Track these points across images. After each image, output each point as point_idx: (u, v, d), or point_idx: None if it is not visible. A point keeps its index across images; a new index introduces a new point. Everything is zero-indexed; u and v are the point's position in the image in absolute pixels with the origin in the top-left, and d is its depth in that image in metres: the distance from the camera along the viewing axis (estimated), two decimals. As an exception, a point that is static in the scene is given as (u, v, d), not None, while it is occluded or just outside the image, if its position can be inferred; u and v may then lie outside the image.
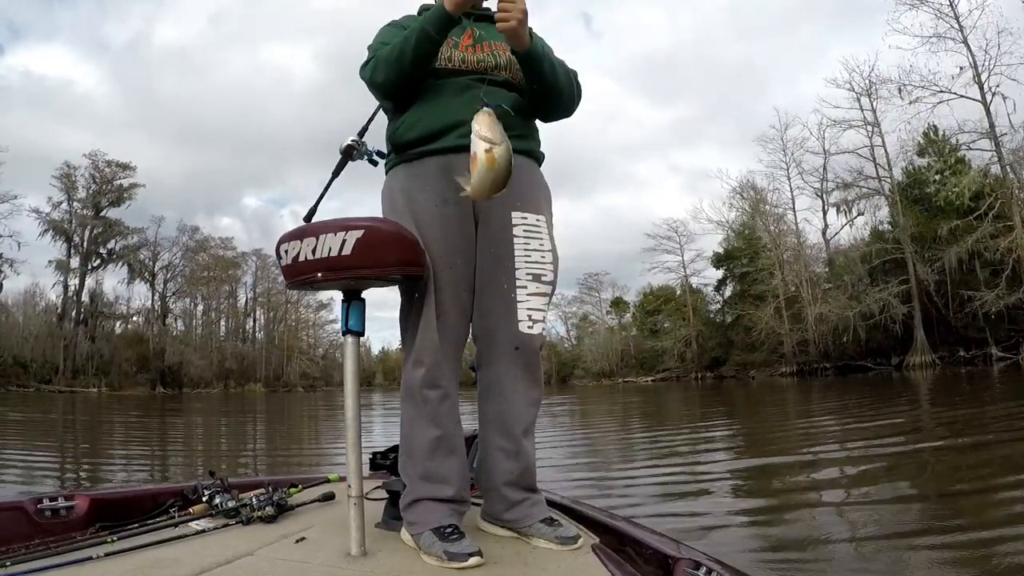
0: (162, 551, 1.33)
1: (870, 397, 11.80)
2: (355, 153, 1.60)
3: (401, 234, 1.34)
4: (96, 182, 41.44)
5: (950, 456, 4.44)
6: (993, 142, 25.38)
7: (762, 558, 2.34)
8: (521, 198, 1.48)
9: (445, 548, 1.25)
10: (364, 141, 1.61)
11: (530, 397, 1.48)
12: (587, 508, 1.71)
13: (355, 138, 1.61)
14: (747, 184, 37.26)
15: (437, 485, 1.39)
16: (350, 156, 1.61)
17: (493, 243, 1.47)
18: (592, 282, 50.95)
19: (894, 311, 27.65)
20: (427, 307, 1.40)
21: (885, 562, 2.18)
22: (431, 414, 1.40)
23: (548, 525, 1.40)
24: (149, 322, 44.43)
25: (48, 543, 1.35)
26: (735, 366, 36.34)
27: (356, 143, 1.60)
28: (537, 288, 1.47)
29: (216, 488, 1.68)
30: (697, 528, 2.76)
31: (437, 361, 1.40)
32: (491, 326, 1.46)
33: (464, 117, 1.42)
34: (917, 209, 28.75)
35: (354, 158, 1.61)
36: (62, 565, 1.22)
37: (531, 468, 1.48)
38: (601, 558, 1.27)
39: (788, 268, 34.46)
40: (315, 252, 1.28)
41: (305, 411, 15.91)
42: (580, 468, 4.83)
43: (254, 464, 5.75)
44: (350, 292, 1.38)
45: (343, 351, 1.37)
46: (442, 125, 1.45)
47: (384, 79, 1.45)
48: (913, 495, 3.30)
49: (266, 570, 1.22)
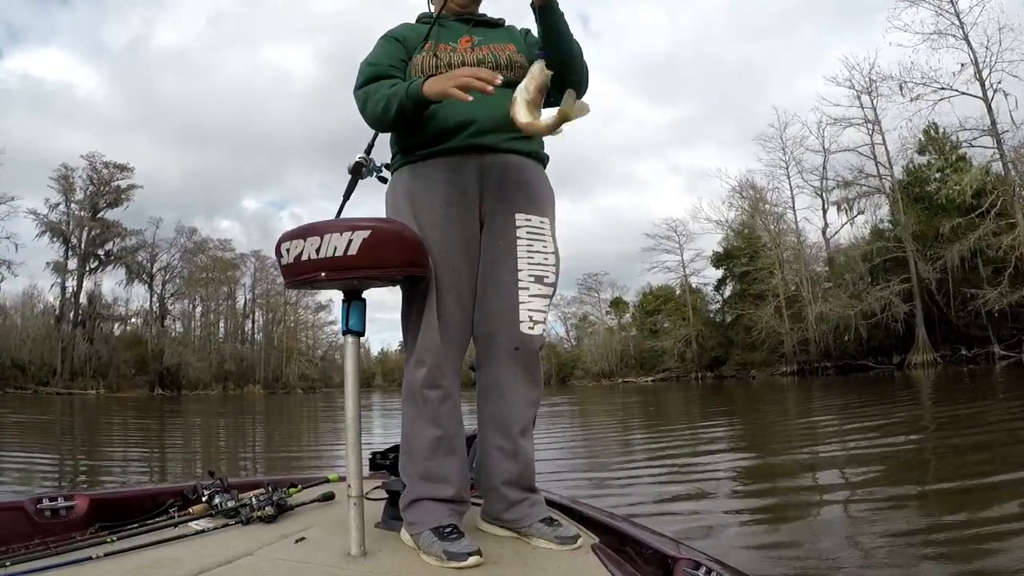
0: (162, 551, 1.33)
1: (872, 396, 11.79)
2: (364, 171, 1.60)
3: (405, 234, 1.34)
4: (94, 183, 41.40)
5: (952, 453, 4.45)
6: (995, 139, 25.28)
7: (764, 555, 2.34)
8: (525, 200, 1.49)
9: (445, 548, 1.25)
10: (372, 158, 1.61)
11: (529, 397, 1.48)
12: (587, 508, 1.71)
13: (363, 155, 1.61)
14: (747, 183, 37.25)
15: (437, 485, 1.39)
16: (359, 174, 1.60)
17: (497, 244, 1.47)
18: (591, 282, 50.96)
19: (895, 309, 27.57)
20: (429, 308, 1.40)
21: (886, 557, 2.19)
22: (431, 414, 1.40)
23: (548, 525, 1.40)
24: (147, 324, 44.37)
25: (48, 543, 1.35)
26: (735, 366, 36.25)
27: (364, 160, 1.60)
28: (539, 290, 1.48)
29: (216, 488, 1.68)
30: (698, 526, 2.77)
31: (438, 362, 1.40)
32: (492, 326, 1.46)
33: (470, 117, 1.43)
34: (918, 207, 28.68)
35: (363, 176, 1.61)
36: (62, 565, 1.22)
37: (530, 468, 1.48)
38: (601, 558, 1.27)
39: (788, 267, 34.39)
40: (319, 251, 1.28)
41: (304, 412, 15.90)
42: (579, 467, 4.83)
43: (253, 464, 5.75)
44: (351, 292, 1.37)
45: (343, 351, 1.37)
46: (449, 127, 1.45)
47: (371, 124, 1.50)
48: (914, 493, 3.31)
49: (266, 570, 1.22)
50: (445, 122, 1.45)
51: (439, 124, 1.45)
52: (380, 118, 1.44)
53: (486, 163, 1.46)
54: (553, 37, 1.41)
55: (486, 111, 1.41)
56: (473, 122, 1.44)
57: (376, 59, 1.51)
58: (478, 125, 1.44)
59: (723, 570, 1.18)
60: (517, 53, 1.53)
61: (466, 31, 1.55)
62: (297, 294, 46.57)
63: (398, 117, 1.40)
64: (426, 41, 1.50)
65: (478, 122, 1.44)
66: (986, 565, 2.07)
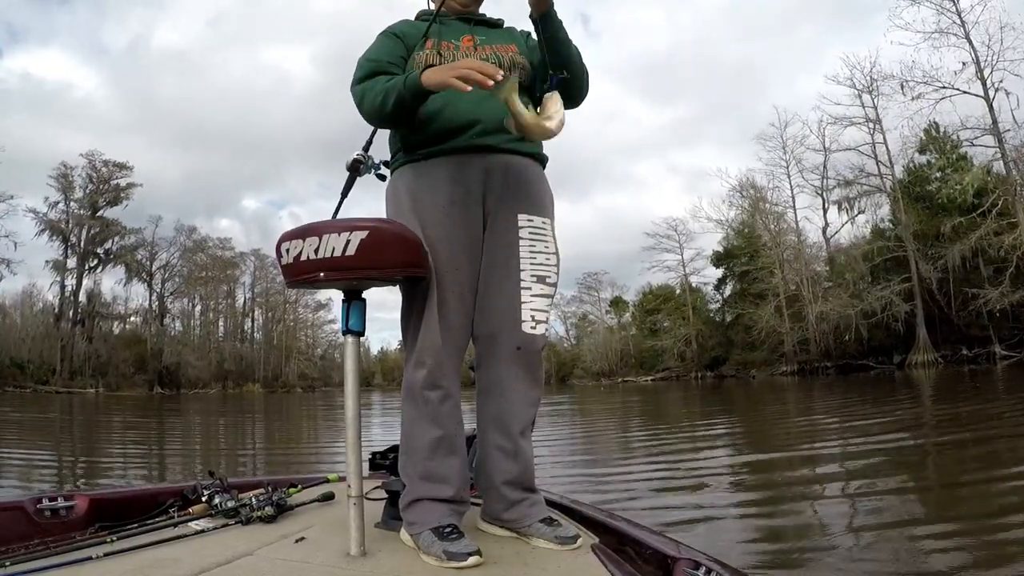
0: (161, 551, 1.33)
1: (872, 395, 11.80)
2: (362, 168, 1.59)
3: (404, 235, 1.33)
4: (93, 182, 41.31)
5: (952, 450, 4.48)
6: (996, 138, 25.15)
7: (765, 549, 2.36)
8: (528, 200, 1.49)
9: (444, 548, 1.25)
10: (371, 155, 1.60)
11: (530, 397, 1.48)
12: (586, 508, 1.71)
13: (361, 152, 1.60)
14: (747, 183, 37.17)
15: (437, 485, 1.39)
16: (357, 172, 1.60)
17: (500, 245, 1.47)
18: (591, 281, 50.89)
19: (896, 309, 27.47)
20: (430, 308, 1.40)
21: (887, 552, 2.19)
22: (432, 414, 1.40)
23: (547, 525, 1.40)
24: (147, 322, 44.33)
25: (47, 543, 1.35)
26: (735, 365, 36.19)
27: (362, 157, 1.59)
28: (541, 290, 1.48)
29: (215, 488, 1.68)
30: (699, 522, 2.77)
31: (439, 362, 1.40)
32: (493, 326, 1.46)
33: (476, 116, 1.43)
34: (919, 206, 28.58)
35: (361, 173, 1.60)
36: (61, 565, 1.21)
37: (530, 468, 1.48)
38: (600, 558, 1.27)
39: (788, 267, 34.27)
40: (318, 252, 1.28)
41: (304, 411, 15.90)
42: (579, 464, 4.84)
43: (253, 464, 5.75)
44: (351, 292, 1.37)
45: (343, 351, 1.37)
46: (453, 126, 1.44)
47: (369, 119, 1.49)
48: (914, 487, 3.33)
49: (266, 570, 1.22)
50: (449, 121, 1.44)
51: (443, 123, 1.44)
52: (378, 111, 1.43)
53: (490, 163, 1.46)
54: (553, 46, 1.42)
55: (491, 112, 1.41)
56: (478, 122, 1.44)
57: (375, 55, 1.50)
58: (483, 125, 1.44)
59: (723, 570, 1.18)
60: (519, 55, 1.53)
61: (467, 30, 1.55)
62: (297, 293, 46.23)
63: (396, 109, 1.39)
64: (426, 38, 1.50)
65: (483, 122, 1.44)
66: (988, 554, 2.08)
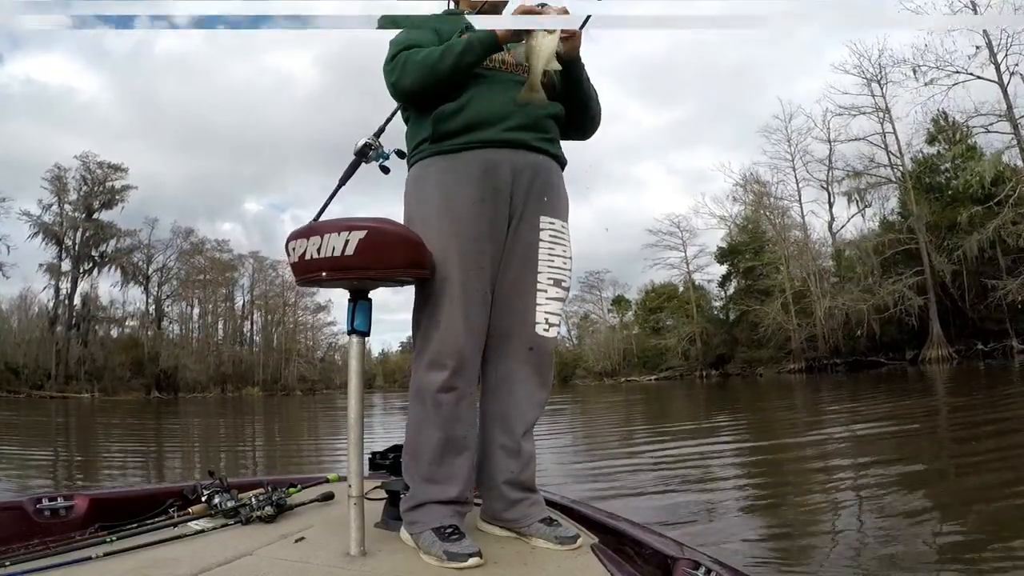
0: (161, 551, 1.32)
1: (886, 393, 11.62)
2: (371, 153, 1.57)
3: (405, 235, 1.33)
4: (87, 184, 40.92)
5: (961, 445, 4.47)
6: (1012, 124, 24.26)
7: (768, 546, 2.36)
8: (551, 203, 1.50)
9: (445, 548, 1.25)
10: (381, 143, 1.59)
11: (537, 398, 1.48)
12: (586, 508, 1.71)
13: (371, 138, 1.58)
14: (751, 177, 36.20)
15: (442, 487, 1.38)
16: (364, 157, 1.58)
17: (521, 246, 1.47)
18: (593, 280, 50.26)
19: (909, 303, 26.55)
20: (452, 308, 1.37)
21: (891, 550, 2.20)
22: (444, 417, 1.38)
23: (547, 525, 1.40)
24: (144, 326, 44.05)
25: (47, 543, 1.35)
26: (741, 363, 35.35)
27: (372, 143, 1.58)
28: (556, 293, 1.49)
29: (215, 488, 1.67)
30: (702, 521, 2.78)
31: (461, 364, 1.38)
32: (507, 326, 1.46)
33: (508, 110, 1.43)
34: (930, 197, 27.79)
35: (368, 160, 1.58)
36: (61, 565, 1.21)
37: (531, 468, 1.48)
38: (600, 558, 1.27)
39: (795, 262, 33.33)
40: (320, 251, 1.29)
41: (304, 414, 15.84)
42: (579, 462, 4.84)
43: (253, 464, 5.74)
44: (356, 292, 1.37)
45: (348, 351, 1.36)
46: (488, 115, 1.43)
47: (412, 83, 1.41)
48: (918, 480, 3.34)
49: (265, 570, 1.22)
50: (479, 113, 1.43)
51: (473, 115, 1.43)
52: (431, 69, 1.38)
53: (518, 161, 1.45)
54: (573, 87, 1.50)
55: (520, 109, 1.42)
56: (508, 116, 1.43)
57: (414, 40, 1.46)
58: (512, 120, 1.44)
59: (723, 570, 1.18)
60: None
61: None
62: (296, 294, 46.56)
63: (457, 63, 1.37)
64: (462, 32, 1.46)
65: (512, 117, 1.44)
66: (989, 549, 2.08)
